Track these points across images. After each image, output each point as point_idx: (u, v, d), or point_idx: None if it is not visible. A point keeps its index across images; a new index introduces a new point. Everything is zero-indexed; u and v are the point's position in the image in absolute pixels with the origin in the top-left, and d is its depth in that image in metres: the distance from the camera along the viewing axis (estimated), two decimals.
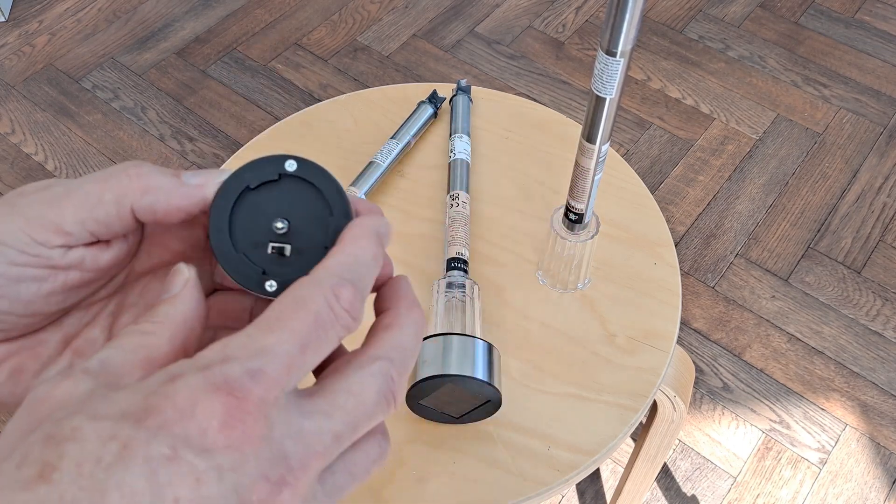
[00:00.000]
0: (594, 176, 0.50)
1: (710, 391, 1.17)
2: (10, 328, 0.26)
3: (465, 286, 0.56)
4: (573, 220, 0.54)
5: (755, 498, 1.08)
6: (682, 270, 1.29)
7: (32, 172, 1.41)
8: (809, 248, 1.31)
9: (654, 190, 1.38)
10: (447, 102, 0.72)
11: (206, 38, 1.63)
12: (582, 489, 1.09)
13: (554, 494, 0.53)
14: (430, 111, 0.69)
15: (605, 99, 0.45)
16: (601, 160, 0.49)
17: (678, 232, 1.33)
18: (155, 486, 0.19)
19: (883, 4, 1.68)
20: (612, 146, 0.64)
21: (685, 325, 1.23)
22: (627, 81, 1.54)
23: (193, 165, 1.41)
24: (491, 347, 0.51)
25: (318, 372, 0.26)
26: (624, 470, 0.87)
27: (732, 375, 1.18)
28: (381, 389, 0.23)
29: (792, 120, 1.48)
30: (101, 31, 1.65)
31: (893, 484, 1.09)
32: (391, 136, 0.67)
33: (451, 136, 0.68)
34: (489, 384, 0.49)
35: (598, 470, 1.11)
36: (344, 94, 0.77)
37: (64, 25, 1.66)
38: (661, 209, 0.65)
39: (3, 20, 1.66)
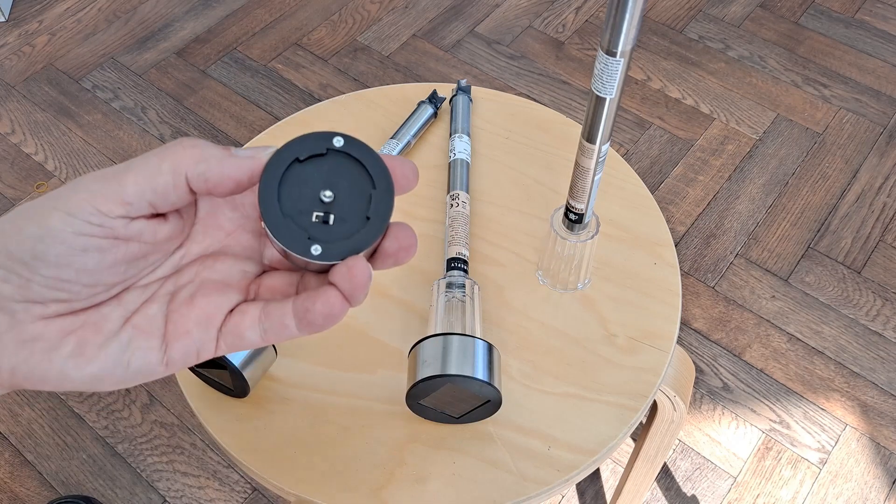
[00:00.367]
0: (594, 176, 0.50)
1: (710, 391, 1.17)
2: (74, 298, 0.28)
3: (465, 286, 0.56)
4: (573, 220, 0.54)
5: (755, 498, 1.08)
6: (682, 270, 1.29)
7: (32, 172, 1.41)
8: (809, 248, 1.31)
9: (654, 190, 1.38)
10: (447, 102, 0.72)
11: (206, 38, 1.63)
12: (582, 489, 1.09)
13: (554, 494, 0.53)
14: (430, 111, 0.69)
15: (605, 99, 0.45)
16: (601, 160, 0.49)
17: (678, 232, 1.33)
18: None
19: (883, 4, 1.68)
20: (612, 146, 0.64)
21: (685, 325, 1.23)
22: (627, 81, 1.53)
23: None
24: (491, 347, 0.51)
25: None
26: (624, 470, 0.87)
27: (732, 375, 1.18)
28: None
29: (792, 120, 1.48)
30: (101, 31, 1.65)
31: (893, 484, 1.09)
32: (391, 136, 0.67)
33: (451, 136, 0.68)
34: (489, 384, 0.49)
35: (598, 470, 1.11)
36: (344, 94, 0.77)
37: (64, 25, 1.66)
38: (661, 209, 0.65)
39: (3, 20, 1.66)
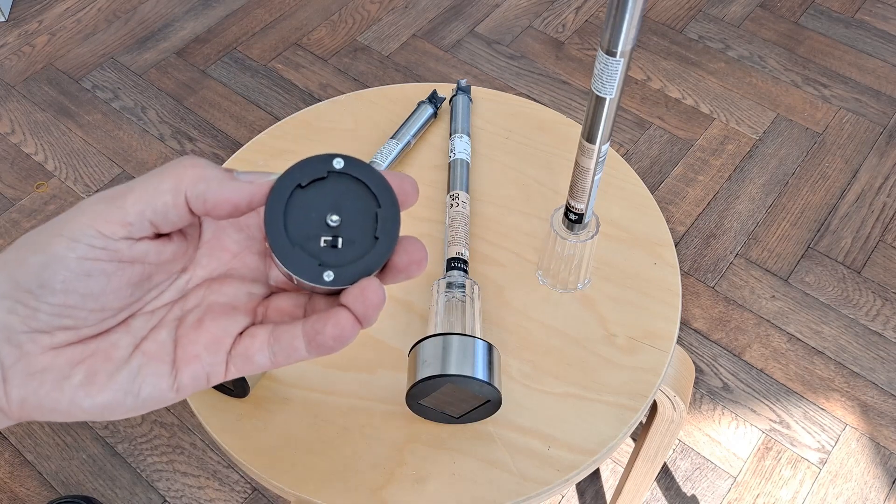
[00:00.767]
0: (594, 176, 0.50)
1: (710, 391, 1.17)
2: (81, 325, 0.28)
3: (465, 286, 0.56)
4: (573, 220, 0.54)
5: (755, 498, 1.08)
6: (682, 270, 1.29)
7: (32, 172, 1.41)
8: (809, 248, 1.31)
9: (654, 190, 1.38)
10: (447, 102, 0.72)
11: (206, 38, 1.63)
12: (582, 489, 1.09)
13: (554, 494, 0.53)
14: (430, 111, 0.69)
15: (605, 99, 0.45)
16: (601, 160, 0.49)
17: (678, 232, 1.33)
18: None
19: (883, 4, 1.68)
20: (612, 146, 0.64)
21: (685, 325, 1.23)
22: (627, 81, 1.54)
23: None
24: (491, 347, 0.51)
25: None
26: (624, 470, 0.87)
27: (732, 375, 1.18)
28: None
29: (792, 120, 1.48)
30: (101, 31, 1.65)
31: (893, 484, 1.09)
32: (391, 136, 0.67)
33: (451, 136, 0.68)
34: (489, 384, 0.49)
35: (598, 470, 1.11)
36: (344, 94, 0.77)
37: (64, 25, 1.66)
38: (661, 209, 0.65)
39: (3, 20, 1.66)
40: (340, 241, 0.28)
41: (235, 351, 0.29)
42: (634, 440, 1.08)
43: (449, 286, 0.56)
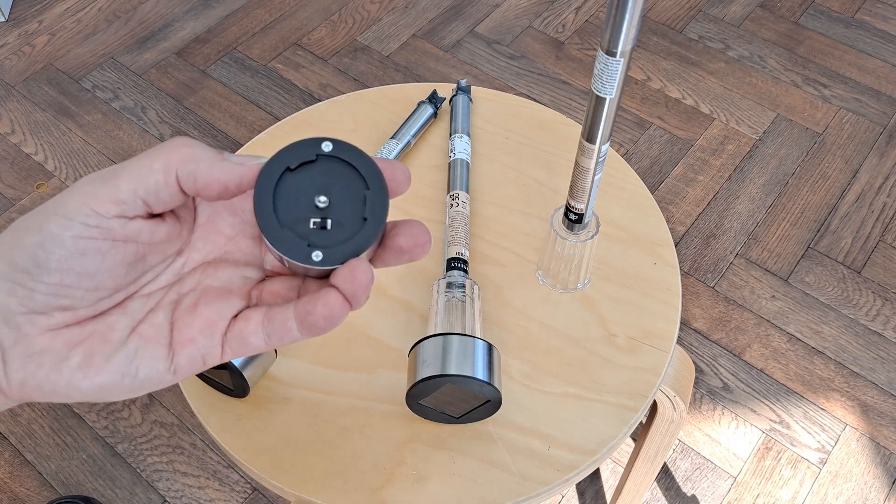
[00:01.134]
0: (594, 176, 0.50)
1: (710, 391, 1.17)
2: (78, 304, 0.28)
3: (465, 286, 0.56)
4: (573, 220, 0.54)
5: (755, 498, 1.08)
6: (682, 270, 1.29)
7: (32, 172, 1.41)
8: (809, 248, 1.31)
9: (654, 190, 1.38)
10: (447, 102, 0.72)
11: (206, 38, 1.63)
12: (582, 489, 1.09)
13: (554, 494, 0.53)
14: (430, 111, 0.69)
15: (605, 99, 0.45)
16: (601, 160, 0.49)
17: (678, 232, 1.33)
18: None
19: (883, 4, 1.68)
20: (612, 146, 0.64)
21: (685, 325, 1.23)
22: (627, 81, 1.54)
23: None
24: (491, 347, 0.51)
25: None
26: (624, 470, 0.87)
27: (732, 375, 1.18)
28: None
29: (792, 120, 1.48)
30: (101, 31, 1.65)
31: (893, 484, 1.09)
32: (391, 136, 0.67)
33: (451, 136, 0.68)
34: (489, 384, 0.49)
35: (598, 470, 1.11)
36: (344, 94, 0.77)
37: (64, 25, 1.66)
38: (661, 209, 0.66)
39: (3, 20, 1.66)
40: (329, 222, 0.29)
41: (231, 333, 0.30)
42: (634, 440, 1.08)
43: (449, 286, 0.56)
